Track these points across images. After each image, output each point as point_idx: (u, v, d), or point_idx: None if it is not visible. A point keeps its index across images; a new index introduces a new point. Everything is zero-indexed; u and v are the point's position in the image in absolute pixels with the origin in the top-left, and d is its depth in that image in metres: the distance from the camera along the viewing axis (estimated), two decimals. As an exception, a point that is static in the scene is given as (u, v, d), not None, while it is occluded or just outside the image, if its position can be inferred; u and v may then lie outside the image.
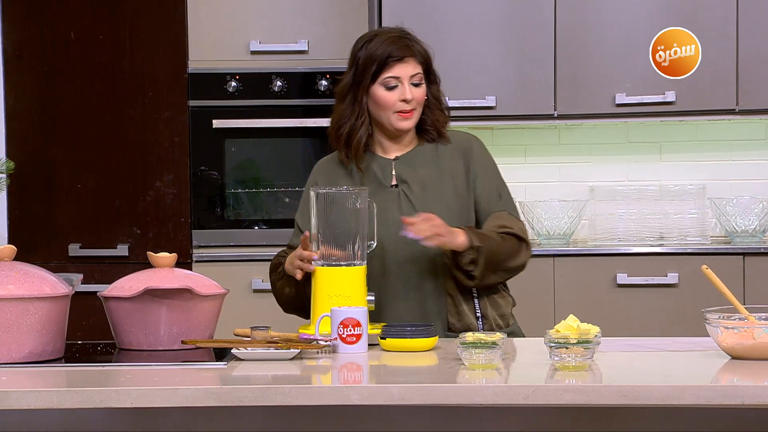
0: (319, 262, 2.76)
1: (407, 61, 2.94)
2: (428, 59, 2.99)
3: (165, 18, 4.59)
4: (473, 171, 2.98)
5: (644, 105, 4.62)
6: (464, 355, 2.38)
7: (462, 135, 3.06)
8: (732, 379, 2.32)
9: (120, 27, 4.60)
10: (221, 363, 2.47)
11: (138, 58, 4.60)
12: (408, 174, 2.97)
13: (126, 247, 4.59)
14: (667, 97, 4.59)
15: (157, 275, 2.69)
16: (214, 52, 4.60)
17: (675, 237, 4.75)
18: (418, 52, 2.96)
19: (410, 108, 2.94)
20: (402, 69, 2.93)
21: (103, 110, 4.62)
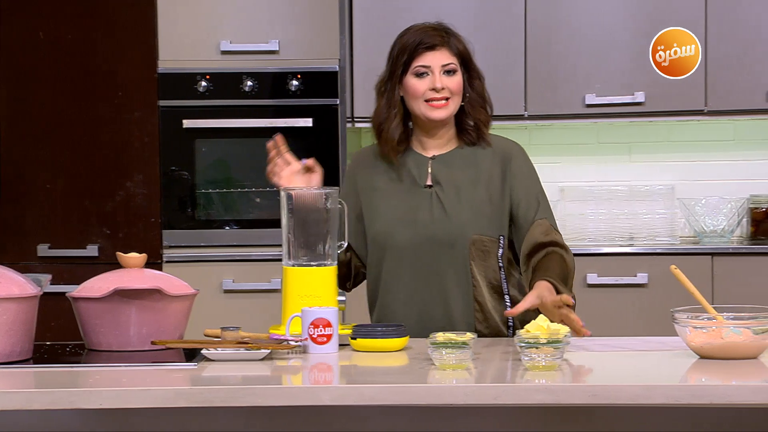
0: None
1: (438, 49, 2.89)
2: (466, 52, 2.92)
3: (135, 18, 4.57)
4: (510, 177, 2.90)
5: (614, 106, 4.64)
6: (435, 356, 2.38)
7: (504, 141, 2.98)
8: (700, 378, 2.33)
9: (90, 27, 4.58)
10: (191, 364, 2.46)
11: (108, 58, 4.58)
12: (443, 175, 2.91)
13: (96, 247, 4.57)
14: (637, 98, 4.61)
15: (126, 276, 2.67)
16: (184, 52, 4.58)
17: (644, 237, 4.78)
18: (453, 44, 2.90)
19: (441, 96, 2.87)
20: (432, 57, 2.88)
21: (72, 110, 4.59)
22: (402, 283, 2.90)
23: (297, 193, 2.77)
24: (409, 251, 2.88)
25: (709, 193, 4.84)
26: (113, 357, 2.58)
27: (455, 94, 2.89)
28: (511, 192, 2.90)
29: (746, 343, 2.42)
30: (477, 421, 2.49)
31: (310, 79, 4.58)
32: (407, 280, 2.89)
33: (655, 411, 2.47)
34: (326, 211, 2.76)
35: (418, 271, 2.88)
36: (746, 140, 4.91)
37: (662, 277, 4.44)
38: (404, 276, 2.90)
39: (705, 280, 4.41)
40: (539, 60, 4.67)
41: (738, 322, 2.45)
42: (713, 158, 4.93)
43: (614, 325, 4.49)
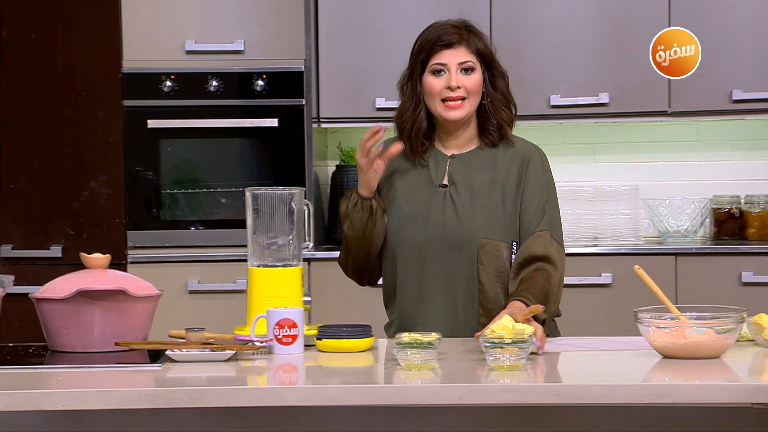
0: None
1: (456, 47, 2.84)
2: (486, 51, 2.88)
3: (98, 17, 4.54)
4: (524, 182, 2.88)
5: (578, 107, 4.66)
6: (400, 356, 2.38)
7: (526, 144, 2.96)
8: (663, 378, 2.35)
9: (53, 26, 4.55)
10: (156, 365, 2.45)
11: (71, 58, 4.55)
12: (460, 175, 2.88)
13: (59, 248, 4.54)
14: (601, 99, 4.64)
15: (90, 276, 2.66)
16: (148, 51, 4.56)
17: (609, 237, 4.80)
18: (472, 42, 2.86)
19: (456, 96, 2.83)
20: (450, 55, 2.84)
21: (36, 110, 4.56)
22: (412, 281, 2.87)
23: (262, 194, 2.76)
24: (418, 250, 2.86)
25: (672, 193, 4.87)
26: (77, 358, 2.56)
27: (472, 93, 2.85)
28: (522, 198, 2.87)
29: (709, 342, 2.43)
30: (442, 421, 2.49)
31: (276, 80, 4.57)
32: (417, 280, 2.87)
33: (618, 410, 2.48)
34: (291, 212, 2.76)
35: (427, 270, 2.86)
36: (709, 141, 4.94)
37: (626, 277, 4.46)
38: (414, 274, 2.87)
39: (668, 280, 4.44)
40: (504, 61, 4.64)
41: (700, 322, 2.47)
42: (677, 159, 4.96)
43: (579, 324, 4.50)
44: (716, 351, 2.45)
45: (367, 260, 2.94)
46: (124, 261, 4.53)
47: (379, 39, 4.65)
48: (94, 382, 2.31)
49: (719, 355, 2.46)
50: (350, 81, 4.66)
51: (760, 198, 4.75)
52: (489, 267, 2.83)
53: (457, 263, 2.84)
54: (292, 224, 2.76)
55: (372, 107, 4.64)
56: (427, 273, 2.86)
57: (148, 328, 2.71)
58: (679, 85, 4.60)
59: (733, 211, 4.76)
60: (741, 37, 4.59)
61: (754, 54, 4.59)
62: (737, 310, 2.48)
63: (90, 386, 2.25)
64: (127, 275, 2.74)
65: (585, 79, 4.64)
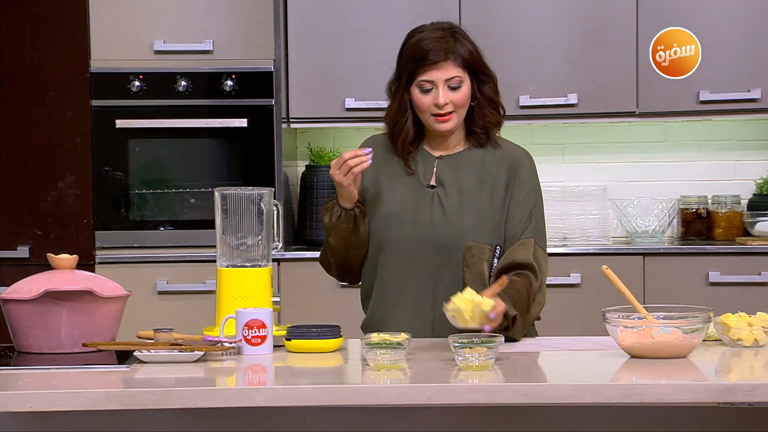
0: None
1: (441, 66, 2.83)
2: (472, 59, 2.87)
3: (66, 16, 4.52)
4: (513, 186, 2.88)
5: (547, 107, 4.68)
6: (369, 356, 2.39)
7: (515, 147, 2.96)
8: (631, 377, 2.36)
9: (20, 25, 4.52)
10: (123, 366, 2.44)
11: (39, 57, 4.52)
12: (448, 176, 2.88)
13: (26, 248, 4.51)
14: (570, 100, 4.65)
15: (57, 277, 2.64)
16: (117, 51, 4.54)
17: (577, 237, 4.82)
18: (458, 54, 2.85)
19: (444, 112, 2.84)
20: (436, 73, 2.83)
21: (2, 110, 4.53)
22: (395, 281, 2.87)
23: (231, 194, 2.75)
24: (404, 250, 2.85)
25: (640, 194, 4.89)
26: (44, 359, 2.55)
27: (460, 106, 2.86)
28: (509, 203, 2.87)
29: (676, 342, 2.45)
30: (411, 421, 2.49)
31: (245, 80, 4.56)
32: (400, 279, 2.86)
33: (586, 410, 2.49)
34: (260, 212, 2.75)
35: (411, 271, 2.85)
36: (677, 142, 4.97)
37: (595, 277, 4.48)
38: (397, 274, 2.86)
39: (637, 279, 4.47)
40: (474, 61, 4.69)
41: (668, 322, 2.48)
42: (645, 159, 4.99)
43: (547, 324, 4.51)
44: (683, 351, 2.47)
45: (352, 263, 2.94)
46: (92, 261, 4.51)
47: (349, 39, 4.65)
48: (62, 383, 2.30)
49: (686, 355, 2.47)
50: (320, 81, 4.66)
51: (727, 198, 4.79)
52: (474, 269, 2.82)
53: (442, 265, 2.84)
54: (262, 225, 2.76)
55: (342, 107, 4.64)
56: (410, 273, 2.86)
57: (116, 329, 2.70)
58: (646, 86, 4.63)
59: (700, 212, 4.80)
60: (709, 38, 4.62)
61: (722, 55, 4.62)
62: (704, 310, 2.50)
63: (57, 387, 2.24)
64: (95, 276, 2.72)
65: (554, 80, 4.66)
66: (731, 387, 2.23)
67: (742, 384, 2.23)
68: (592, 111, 4.69)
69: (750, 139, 4.96)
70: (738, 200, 4.81)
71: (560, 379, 2.30)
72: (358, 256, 2.91)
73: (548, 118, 4.74)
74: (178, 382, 2.32)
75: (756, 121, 4.89)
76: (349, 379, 2.38)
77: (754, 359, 2.50)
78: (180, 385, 2.28)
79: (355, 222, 2.86)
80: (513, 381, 2.30)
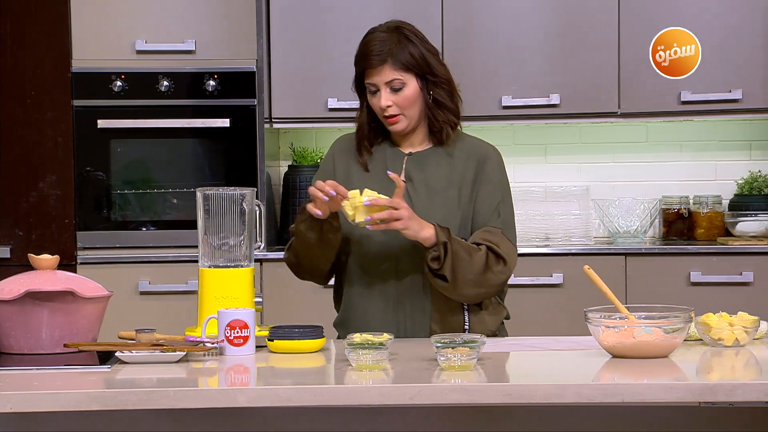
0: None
1: (380, 69, 2.84)
2: (415, 62, 2.86)
3: (47, 16, 4.50)
4: (479, 181, 2.89)
5: (530, 107, 4.68)
6: (351, 356, 2.39)
7: (482, 144, 2.97)
8: (612, 377, 2.37)
9: (0, 25, 4.50)
10: (105, 366, 2.43)
11: (19, 57, 4.50)
12: (417, 173, 2.89)
13: (7, 249, 4.50)
14: (552, 100, 4.66)
15: (38, 278, 2.64)
16: (98, 51, 4.53)
17: (560, 238, 4.83)
18: (398, 56, 2.85)
19: (389, 114, 2.85)
20: (377, 76, 2.85)
21: (-17, 109, 4.52)
22: (364, 279, 2.87)
23: (213, 194, 2.75)
24: (373, 247, 2.86)
25: (622, 194, 4.91)
26: (24, 360, 2.54)
27: (405, 107, 2.86)
28: (476, 197, 2.88)
29: (657, 342, 2.46)
30: (393, 422, 2.49)
31: (228, 80, 4.55)
32: (369, 276, 2.87)
33: (568, 410, 2.50)
34: (242, 212, 2.75)
35: (380, 267, 2.86)
36: (659, 142, 4.99)
37: (577, 277, 4.49)
38: (367, 271, 2.87)
39: (619, 279, 4.48)
40: (456, 62, 4.69)
41: (649, 322, 2.49)
42: (627, 160, 5.00)
43: (530, 324, 4.53)
44: (665, 350, 2.47)
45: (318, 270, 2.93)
46: (74, 262, 4.50)
47: (332, 39, 4.65)
48: (43, 384, 2.29)
49: (667, 355, 2.48)
50: (302, 81, 4.65)
51: (708, 198, 4.80)
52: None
53: (410, 261, 2.84)
54: (244, 225, 2.75)
55: (324, 108, 4.64)
56: (379, 270, 2.86)
57: (98, 330, 2.69)
58: (628, 87, 4.64)
59: (681, 212, 4.81)
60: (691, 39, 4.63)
61: (704, 56, 4.64)
62: (685, 310, 2.51)
63: (38, 388, 2.23)
64: (77, 276, 2.72)
65: (536, 81, 4.67)
66: (712, 387, 2.23)
67: (723, 384, 2.24)
68: (575, 111, 4.70)
69: (731, 140, 4.98)
70: (719, 200, 4.83)
71: (542, 379, 2.31)
72: (322, 266, 2.91)
73: (530, 118, 4.75)
74: (159, 383, 2.31)
75: (737, 121, 4.91)
76: (331, 380, 2.38)
77: (735, 359, 2.51)
78: (162, 385, 2.27)
79: (321, 235, 2.83)
80: (495, 381, 2.30)
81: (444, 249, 2.74)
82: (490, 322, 2.90)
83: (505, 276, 2.85)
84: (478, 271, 2.79)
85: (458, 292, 2.78)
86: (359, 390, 2.23)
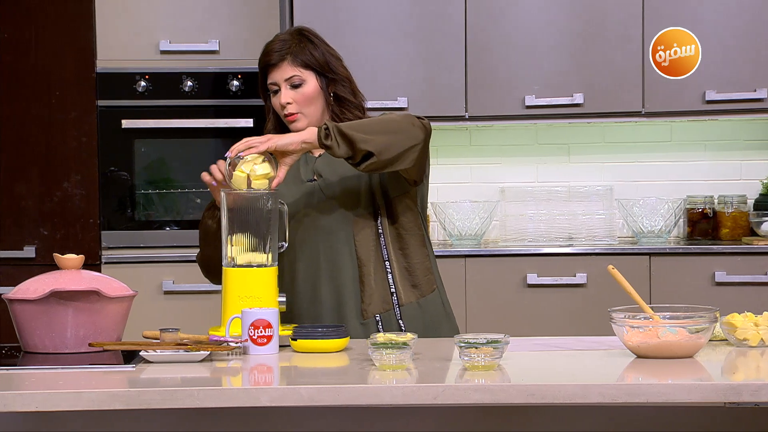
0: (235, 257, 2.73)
1: (281, 65, 2.94)
2: (314, 61, 2.96)
3: (72, 16, 4.53)
4: None
5: (553, 107, 4.67)
6: (375, 356, 2.39)
7: None
8: (637, 377, 2.36)
9: (25, 25, 4.53)
10: (129, 366, 2.44)
11: (44, 58, 4.53)
12: (326, 169, 2.96)
13: (33, 248, 4.52)
14: (575, 99, 4.65)
15: (63, 277, 2.65)
16: (122, 51, 4.55)
17: (583, 237, 4.82)
18: (297, 55, 2.94)
19: (288, 112, 2.94)
20: (276, 74, 2.95)
21: (8, 110, 4.54)
22: (300, 274, 2.93)
23: (237, 194, 2.75)
24: (300, 244, 2.93)
25: (646, 193, 4.89)
26: (49, 359, 2.55)
27: (304, 104, 2.95)
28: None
29: (682, 342, 2.45)
30: (416, 421, 2.49)
31: (251, 80, 4.56)
32: (303, 272, 2.93)
33: (592, 410, 2.49)
34: (266, 212, 2.75)
35: (311, 263, 2.93)
36: (683, 141, 4.97)
37: (601, 277, 4.48)
38: (300, 268, 2.94)
39: (642, 279, 4.46)
40: (479, 62, 4.70)
41: (674, 322, 2.48)
42: (651, 159, 4.99)
43: (553, 324, 4.53)
44: (689, 350, 2.46)
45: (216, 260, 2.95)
46: (98, 261, 4.52)
47: (354, 39, 4.65)
48: (67, 383, 2.30)
49: (692, 355, 2.47)
50: (325, 81, 4.65)
51: (733, 198, 4.78)
52: (363, 241, 2.90)
53: (337, 248, 2.91)
54: (268, 225, 2.76)
55: (347, 107, 4.64)
56: (312, 265, 2.92)
57: (122, 329, 2.70)
58: (652, 86, 4.63)
59: (706, 212, 4.79)
60: (714, 38, 4.62)
61: (727, 55, 4.62)
62: (710, 310, 2.50)
63: (63, 387, 2.24)
64: (101, 276, 2.73)
65: (559, 80, 4.66)
66: (737, 387, 2.22)
67: (749, 384, 2.23)
68: (598, 111, 4.69)
69: (756, 139, 4.95)
70: (744, 200, 4.81)
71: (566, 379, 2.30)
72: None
73: (553, 117, 4.74)
74: (183, 382, 2.32)
75: (762, 120, 4.89)
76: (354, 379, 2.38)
77: (761, 359, 2.50)
78: (185, 384, 2.28)
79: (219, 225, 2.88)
80: (518, 381, 2.29)
81: (327, 127, 2.76)
82: (419, 272, 2.95)
83: (413, 123, 2.86)
84: (378, 125, 2.82)
85: (374, 147, 2.75)
86: (382, 390, 2.23)
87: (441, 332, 2.95)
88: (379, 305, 2.92)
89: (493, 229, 4.98)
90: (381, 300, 2.92)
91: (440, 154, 5.01)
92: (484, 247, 4.75)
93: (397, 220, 2.95)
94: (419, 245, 2.97)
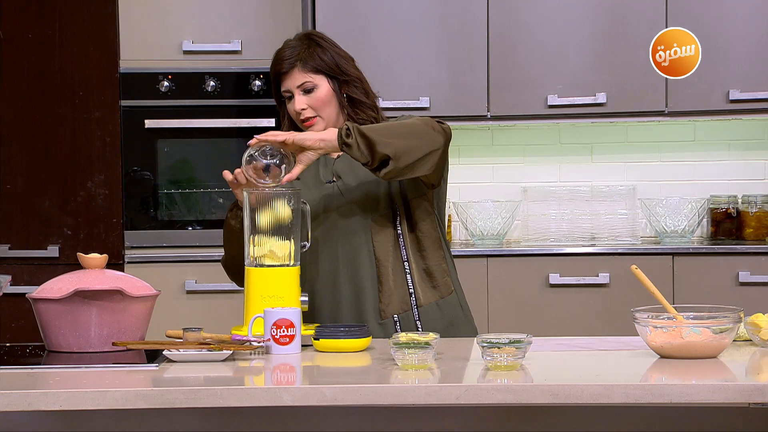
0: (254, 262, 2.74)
1: (292, 73, 2.96)
2: (325, 65, 2.97)
3: (95, 17, 4.55)
4: None
5: (575, 107, 4.66)
6: (397, 356, 2.38)
7: None
8: (660, 378, 2.35)
9: (49, 26, 4.55)
10: (152, 365, 2.45)
11: (68, 58, 4.55)
12: (345, 170, 2.97)
13: (56, 248, 4.54)
14: (598, 99, 4.64)
15: (87, 276, 2.66)
16: (146, 51, 4.56)
17: (606, 237, 4.81)
18: (307, 60, 2.95)
19: (304, 117, 2.96)
20: (289, 81, 2.96)
21: (32, 110, 4.56)
22: (321, 276, 2.94)
23: (259, 194, 2.76)
24: (320, 245, 2.93)
25: (670, 193, 4.87)
26: (73, 358, 2.56)
27: (320, 108, 2.96)
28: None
29: (706, 342, 2.43)
30: (439, 421, 2.49)
31: (273, 80, 4.56)
32: (324, 274, 2.94)
33: (615, 410, 2.48)
34: (289, 212, 2.76)
35: (330, 263, 2.93)
36: (706, 141, 4.95)
37: (624, 276, 4.47)
38: (321, 269, 2.94)
39: (666, 279, 4.45)
40: (502, 62, 4.69)
41: (698, 322, 2.47)
42: (674, 159, 4.97)
43: (576, 324, 4.51)
44: (713, 351, 2.45)
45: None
46: (122, 261, 4.54)
47: (377, 39, 4.65)
48: (91, 382, 2.31)
49: (716, 355, 2.46)
50: (347, 81, 4.66)
51: (757, 198, 4.76)
52: (381, 241, 2.91)
53: (356, 247, 2.91)
54: (290, 224, 2.76)
55: (369, 107, 4.64)
56: (331, 264, 2.93)
57: (145, 328, 2.71)
58: (676, 85, 4.61)
59: (730, 211, 4.77)
60: (738, 37, 4.60)
61: (751, 54, 4.60)
62: (734, 310, 2.49)
63: (87, 386, 2.25)
64: (124, 275, 2.74)
65: (582, 79, 4.65)
66: (762, 387, 2.21)
67: (773, 385, 2.22)
68: (621, 110, 4.67)
69: (780, 139, 4.93)
70: (768, 200, 4.79)
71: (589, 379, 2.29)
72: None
73: (576, 117, 4.73)
74: (206, 381, 2.32)
75: (786, 120, 4.86)
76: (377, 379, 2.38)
77: (785, 360, 2.49)
78: (208, 384, 2.28)
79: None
80: (541, 381, 2.29)
81: (348, 129, 2.76)
82: (437, 273, 2.96)
83: (437, 122, 2.89)
84: (400, 124, 2.83)
85: (394, 150, 2.75)
86: (405, 389, 2.23)
87: (459, 334, 2.95)
88: (398, 306, 2.92)
89: (515, 229, 4.97)
90: (400, 300, 2.92)
91: (462, 153, 5.00)
92: (506, 246, 4.74)
93: (415, 223, 2.96)
94: (436, 247, 2.97)
